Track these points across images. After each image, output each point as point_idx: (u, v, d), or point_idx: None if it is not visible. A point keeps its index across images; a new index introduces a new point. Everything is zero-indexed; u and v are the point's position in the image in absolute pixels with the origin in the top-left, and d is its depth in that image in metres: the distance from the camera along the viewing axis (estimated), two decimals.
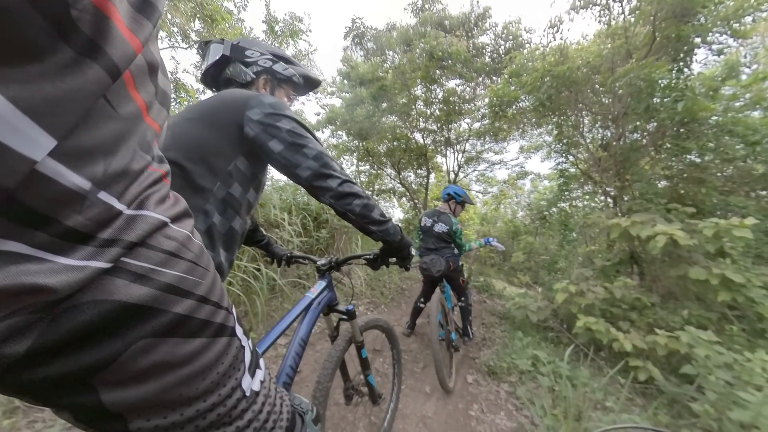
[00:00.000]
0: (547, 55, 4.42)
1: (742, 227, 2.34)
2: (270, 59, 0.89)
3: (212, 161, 0.65)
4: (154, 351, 0.20)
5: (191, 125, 0.67)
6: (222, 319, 0.25)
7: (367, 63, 8.13)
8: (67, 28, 0.14)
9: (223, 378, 0.24)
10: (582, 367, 2.44)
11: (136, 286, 0.19)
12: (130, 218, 0.19)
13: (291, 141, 0.68)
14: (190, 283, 0.22)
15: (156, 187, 0.22)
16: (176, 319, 0.21)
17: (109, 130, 0.17)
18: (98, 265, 0.18)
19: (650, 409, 2.08)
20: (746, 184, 3.29)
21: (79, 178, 0.16)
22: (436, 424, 1.93)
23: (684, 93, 2.94)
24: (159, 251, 0.21)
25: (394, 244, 0.86)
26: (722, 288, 2.46)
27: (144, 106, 0.20)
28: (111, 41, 0.16)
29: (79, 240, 0.17)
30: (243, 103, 0.69)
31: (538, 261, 5.43)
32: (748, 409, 1.47)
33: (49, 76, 0.13)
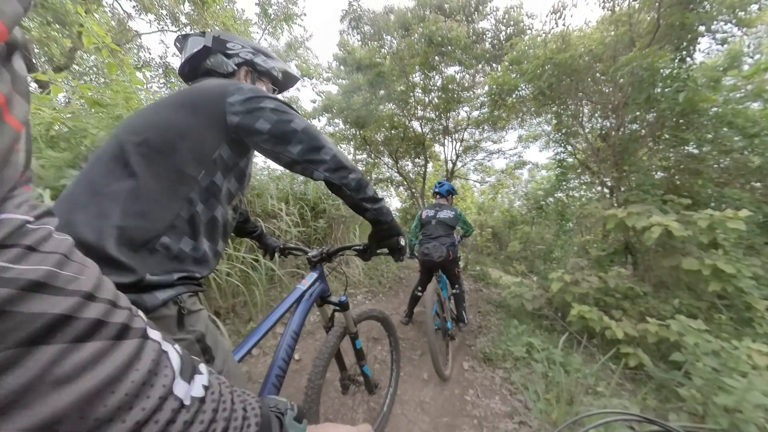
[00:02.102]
0: (548, 42, 4.33)
1: (736, 219, 2.38)
2: (251, 52, 0.89)
3: (197, 149, 0.63)
4: (27, 365, 0.16)
5: (174, 112, 0.65)
6: (124, 319, 0.21)
7: (364, 48, 7.92)
8: None
9: (143, 387, 0.20)
10: (575, 354, 2.51)
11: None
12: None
13: (277, 119, 0.66)
14: (64, 278, 0.19)
15: (16, 192, 0.20)
16: (53, 319, 0.18)
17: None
18: None
19: (639, 394, 2.16)
20: (742, 176, 3.33)
21: None
22: (434, 409, 1.99)
23: (686, 83, 2.92)
24: (16, 248, 0.18)
25: (385, 225, 0.83)
26: (713, 278, 2.52)
27: (3, 101, 0.17)
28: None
29: None
30: (223, 91, 0.67)
31: (534, 250, 5.51)
32: (732, 394, 1.54)
33: None
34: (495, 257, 8.63)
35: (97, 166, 0.58)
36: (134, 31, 6.70)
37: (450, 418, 1.92)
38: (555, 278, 3.13)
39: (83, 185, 0.56)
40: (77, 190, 0.56)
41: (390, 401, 1.59)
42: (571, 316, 2.90)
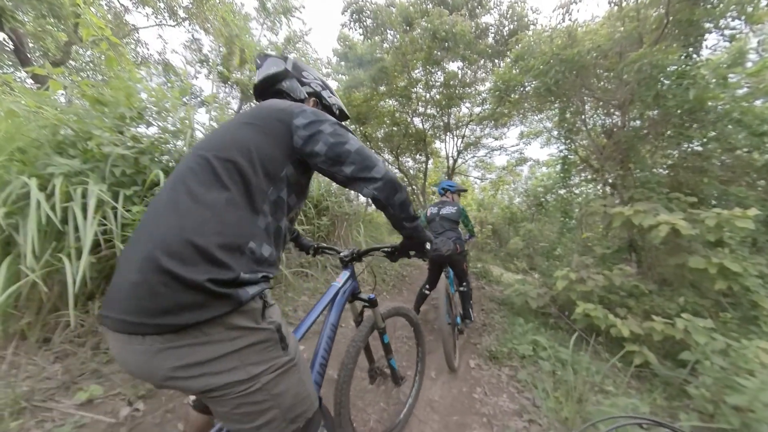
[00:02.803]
0: (554, 37, 4.28)
1: (744, 218, 2.37)
2: (320, 85, 0.99)
3: (268, 167, 0.70)
4: None
5: (250, 131, 0.72)
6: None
7: (365, 42, 7.82)
8: None
9: None
10: (582, 353, 2.51)
11: None
12: None
13: (333, 141, 0.73)
14: None
15: None
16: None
17: None
18: None
19: (648, 393, 2.17)
20: (746, 174, 3.32)
21: None
22: (443, 407, 1.99)
23: (695, 80, 2.89)
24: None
25: (420, 240, 0.93)
26: (719, 276, 2.53)
27: None
28: None
29: None
30: (290, 112, 0.75)
31: (537, 248, 5.51)
32: (744, 393, 1.54)
33: None
34: (495, 254, 8.64)
35: (193, 177, 0.64)
36: (131, 25, 6.57)
37: (460, 417, 1.92)
38: (560, 276, 3.13)
39: (183, 193, 0.62)
40: (180, 197, 0.62)
41: (416, 394, 1.68)
42: (576, 314, 2.90)
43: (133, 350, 0.54)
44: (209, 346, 0.55)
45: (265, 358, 0.61)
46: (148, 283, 0.52)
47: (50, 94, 2.14)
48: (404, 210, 0.82)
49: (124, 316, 0.53)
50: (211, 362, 0.55)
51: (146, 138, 2.20)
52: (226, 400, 0.57)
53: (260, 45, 8.47)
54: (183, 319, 0.52)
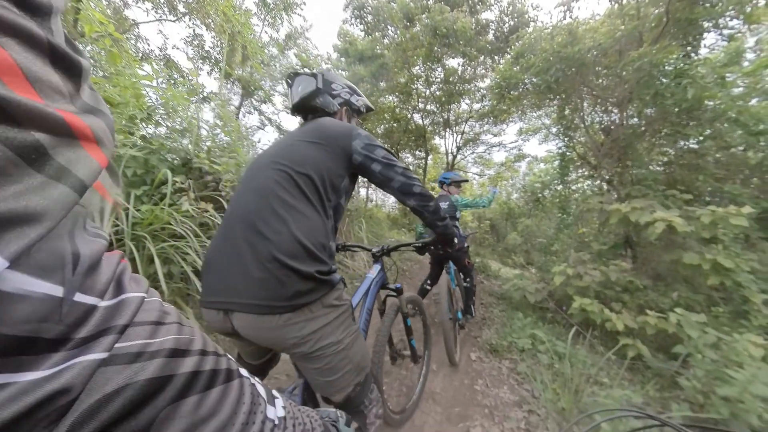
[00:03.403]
0: (555, 35, 4.26)
1: (739, 215, 2.41)
2: (348, 92, 1.09)
3: (333, 180, 0.85)
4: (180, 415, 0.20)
5: (318, 150, 0.85)
6: (226, 365, 0.25)
7: (366, 39, 7.73)
8: (41, 160, 0.14)
9: (251, 416, 0.25)
10: (578, 346, 2.57)
11: (139, 365, 0.19)
12: (115, 306, 0.20)
13: (385, 163, 0.91)
14: (185, 341, 0.23)
15: (119, 267, 0.22)
16: (188, 376, 0.22)
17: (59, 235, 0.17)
18: (95, 357, 0.17)
19: (641, 384, 2.23)
20: (741, 171, 3.35)
21: (48, 285, 0.16)
22: (445, 400, 2.04)
23: (694, 79, 2.90)
24: (147, 324, 0.21)
25: (449, 236, 1.13)
26: (713, 272, 2.58)
27: (104, 192, 0.21)
28: (80, 163, 0.16)
29: (54, 347, 0.16)
30: (348, 135, 0.90)
31: (534, 243, 5.56)
32: (734, 385, 1.59)
33: (9, 200, 0.13)
34: (493, 249, 8.70)
35: (283, 190, 0.77)
36: (131, 20, 6.45)
37: (462, 408, 1.97)
38: (557, 272, 3.18)
39: (281, 206, 0.75)
40: (278, 209, 0.75)
41: (426, 370, 1.85)
42: (573, 308, 2.96)
43: (266, 326, 0.70)
44: (314, 321, 0.73)
45: (345, 326, 0.81)
46: (276, 277, 0.68)
47: None
48: (436, 214, 1.02)
49: (256, 301, 0.68)
50: (316, 332, 0.74)
51: (156, 139, 2.21)
52: (322, 357, 0.76)
53: (261, 41, 8.37)
54: (302, 301, 0.70)
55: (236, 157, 2.68)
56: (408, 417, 1.64)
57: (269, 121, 11.68)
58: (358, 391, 0.84)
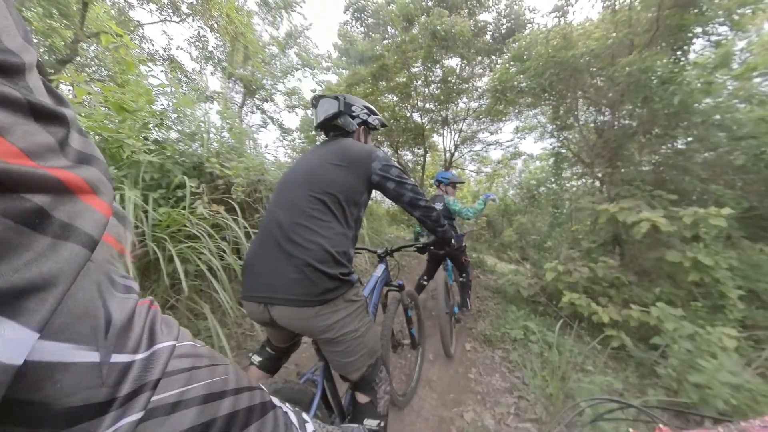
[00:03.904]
0: (550, 39, 4.31)
1: (718, 216, 2.51)
2: (366, 113, 1.22)
3: (355, 197, 1.01)
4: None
5: (342, 172, 1.00)
6: (260, 399, 0.25)
7: (366, 40, 7.73)
8: (45, 222, 0.14)
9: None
10: (566, 337, 2.70)
11: (177, 415, 0.19)
12: (148, 358, 0.19)
13: (398, 181, 1.06)
14: (219, 383, 0.23)
15: (149, 316, 0.22)
16: (226, 419, 0.21)
17: (88, 300, 0.17)
18: (133, 419, 0.17)
19: (622, 372, 2.36)
20: (725, 173, 3.44)
21: (86, 353, 0.16)
22: (441, 387, 2.17)
23: (681, 86, 2.97)
24: (179, 373, 0.21)
25: (447, 239, 1.31)
26: (693, 269, 2.69)
27: (115, 243, 0.21)
28: (83, 217, 0.16)
29: (105, 409, 0.16)
30: (368, 156, 1.05)
31: (529, 240, 5.66)
32: (704, 373, 1.71)
33: (22, 269, 0.13)
34: (489, 244, 8.82)
35: (314, 210, 0.92)
36: (136, 21, 6.44)
37: (456, 395, 2.10)
38: (549, 268, 3.29)
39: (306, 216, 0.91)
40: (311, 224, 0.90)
41: (422, 359, 2.04)
42: (563, 302, 3.08)
43: (301, 316, 0.87)
44: (337, 312, 0.90)
45: (361, 317, 0.97)
46: (309, 278, 0.85)
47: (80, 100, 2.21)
48: (437, 222, 1.19)
49: (295, 296, 0.85)
50: (339, 321, 0.90)
51: (170, 144, 2.29)
52: (343, 342, 0.92)
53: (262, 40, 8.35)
54: (329, 296, 0.87)
55: (244, 161, 2.76)
56: (409, 399, 1.79)
57: (271, 120, 11.69)
58: (371, 371, 1.00)
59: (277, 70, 10.70)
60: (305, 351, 2.16)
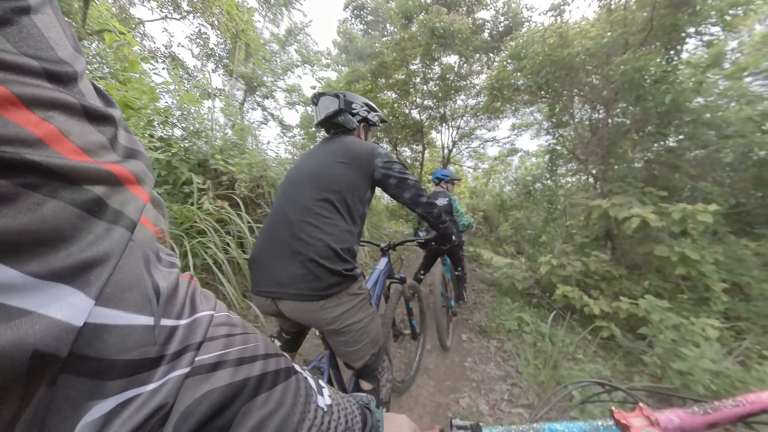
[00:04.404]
0: (547, 37, 4.29)
1: (706, 213, 2.56)
2: (365, 110, 1.21)
3: (361, 194, 1.02)
4: (252, 411, 0.23)
5: (347, 170, 1.01)
6: (285, 364, 0.27)
7: (366, 37, 7.65)
8: (101, 210, 0.16)
9: (306, 405, 0.27)
10: (559, 327, 2.76)
11: (217, 374, 0.21)
12: (189, 325, 0.22)
13: (400, 177, 1.06)
14: (251, 349, 0.25)
15: (190, 289, 0.24)
16: (257, 379, 0.24)
17: (141, 261, 0.20)
18: (181, 372, 0.20)
19: (610, 360, 2.43)
20: (714, 170, 3.49)
21: (143, 317, 0.18)
22: (438, 375, 2.22)
23: (673, 85, 2.99)
24: (219, 338, 0.23)
25: (447, 235, 1.30)
26: (680, 263, 2.74)
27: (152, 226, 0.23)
28: (129, 204, 0.18)
29: (157, 363, 0.19)
30: (371, 154, 1.05)
31: (524, 235, 5.71)
32: (687, 361, 1.77)
33: (86, 249, 0.15)
34: (486, 239, 8.88)
35: (320, 209, 0.93)
36: (137, 19, 6.34)
37: (452, 382, 2.15)
38: (544, 262, 3.34)
39: (311, 213, 0.92)
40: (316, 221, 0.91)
41: (422, 349, 2.07)
42: (556, 294, 3.14)
43: (307, 310, 0.90)
44: (342, 305, 0.92)
45: (364, 310, 0.99)
46: (313, 273, 0.87)
47: None
48: (438, 218, 1.19)
49: (300, 291, 0.87)
50: (343, 313, 0.92)
51: (175, 142, 2.30)
52: (347, 333, 0.95)
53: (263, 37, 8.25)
54: (332, 291, 0.89)
55: (247, 158, 2.78)
56: (408, 385, 1.84)
57: (272, 117, 11.62)
58: (374, 360, 1.03)
59: (278, 67, 10.59)
60: (308, 341, 2.21)
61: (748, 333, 2.49)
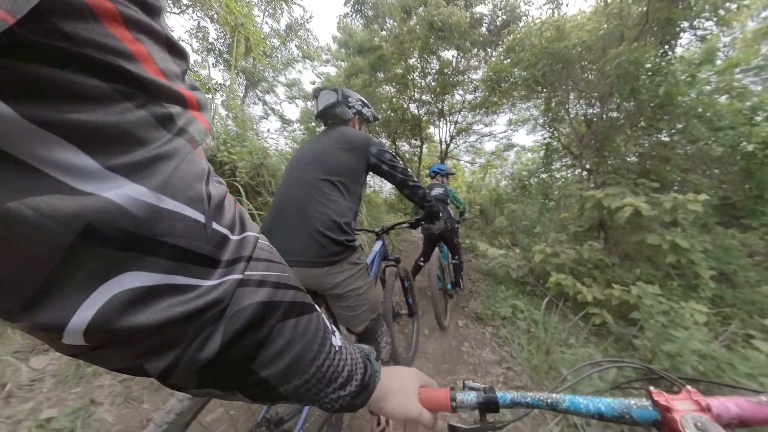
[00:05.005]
0: (544, 31, 4.24)
1: (695, 202, 2.56)
2: (361, 104, 1.30)
3: (358, 176, 1.11)
4: (284, 331, 0.24)
5: (347, 155, 1.09)
6: (309, 300, 0.29)
7: (365, 31, 7.53)
8: (171, 124, 0.18)
9: (324, 340, 0.29)
10: (552, 314, 2.78)
11: (261, 289, 0.23)
12: (240, 241, 0.23)
13: (391, 164, 1.17)
14: (286, 278, 0.26)
15: (240, 211, 0.25)
16: (289, 305, 0.25)
17: (197, 172, 0.21)
18: (236, 278, 0.21)
19: (602, 345, 2.45)
20: (704, 163, 3.49)
21: (194, 212, 0.19)
22: (435, 358, 2.24)
23: (666, 77, 2.97)
24: (262, 260, 0.24)
25: (434, 214, 1.44)
26: (671, 251, 2.76)
27: (204, 160, 0.24)
28: (192, 124, 0.20)
29: (215, 264, 0.20)
30: (366, 143, 1.14)
31: (519, 226, 5.73)
32: (676, 343, 1.79)
33: (153, 149, 0.17)
34: (482, 231, 8.90)
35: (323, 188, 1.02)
36: None
37: (450, 365, 2.18)
38: (538, 251, 3.35)
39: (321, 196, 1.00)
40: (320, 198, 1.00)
41: (418, 326, 2.14)
42: (550, 282, 3.16)
43: (313, 275, 0.98)
44: (343, 272, 1.01)
45: (363, 278, 1.07)
46: (319, 242, 0.95)
47: None
48: (424, 199, 1.30)
49: (307, 258, 0.96)
50: (345, 280, 1.01)
51: None
52: (348, 298, 1.03)
53: (263, 32, 8.10)
54: (335, 258, 0.98)
55: (247, 146, 2.75)
56: (410, 361, 1.91)
57: (272, 111, 11.49)
58: (373, 325, 1.12)
59: (278, 63, 10.43)
60: None
61: (734, 318, 2.52)
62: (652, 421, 0.29)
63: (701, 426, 0.26)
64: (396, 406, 0.37)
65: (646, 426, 0.30)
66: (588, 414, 0.31)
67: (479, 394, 0.36)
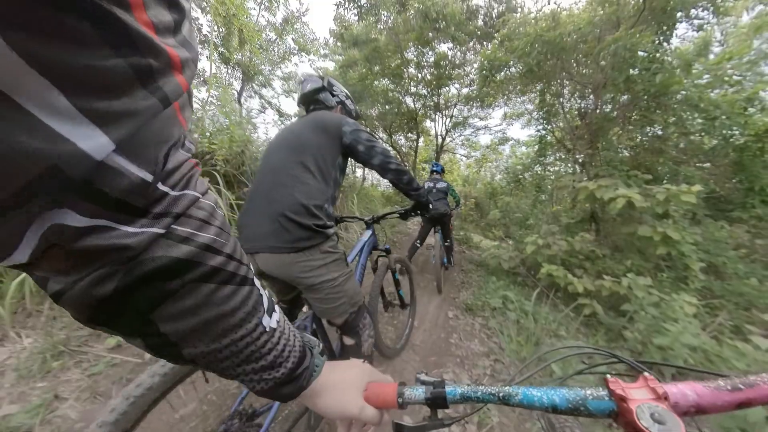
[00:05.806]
0: (539, 20, 4.06)
1: (689, 193, 2.46)
2: (345, 96, 1.24)
3: (332, 158, 1.01)
4: (196, 293, 0.24)
5: (317, 135, 1.00)
6: (244, 273, 0.28)
7: (360, 23, 7.27)
8: (149, 80, 0.17)
9: (249, 316, 0.28)
10: (542, 305, 2.70)
11: (182, 246, 0.22)
12: (176, 197, 0.22)
13: (368, 144, 1.05)
14: (219, 243, 0.25)
15: (192, 172, 0.25)
16: (213, 270, 0.24)
17: (162, 135, 0.21)
18: (156, 231, 0.21)
19: (592, 336, 2.38)
20: (696, 156, 3.39)
21: (144, 172, 0.19)
22: (423, 350, 2.16)
23: (662, 65, 2.83)
24: (195, 219, 0.24)
25: (423, 202, 1.31)
26: (662, 243, 2.67)
27: (180, 115, 0.23)
28: (169, 84, 0.19)
29: (142, 214, 0.20)
30: (339, 123, 1.04)
31: (512, 218, 5.64)
32: (667, 336, 1.71)
33: (125, 103, 0.17)
34: (476, 224, 8.82)
35: (294, 168, 0.94)
36: None
37: (437, 358, 2.09)
38: (530, 242, 3.26)
39: (290, 177, 0.92)
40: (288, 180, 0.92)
41: (413, 318, 2.08)
42: (541, 273, 3.07)
43: (280, 263, 0.89)
44: (313, 261, 0.91)
45: (339, 268, 0.98)
46: (284, 227, 0.87)
47: None
48: (409, 185, 1.16)
49: (272, 243, 0.87)
50: (315, 269, 0.92)
51: None
52: (322, 290, 0.94)
53: (259, 25, 7.81)
54: (302, 245, 0.88)
55: (230, 134, 2.63)
56: (398, 353, 1.86)
57: (269, 105, 11.22)
58: (354, 318, 1.05)
59: (275, 56, 10.13)
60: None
61: (721, 309, 2.46)
62: (608, 412, 0.26)
63: (657, 417, 0.23)
64: (331, 403, 0.34)
65: (603, 418, 0.27)
66: (542, 407, 0.28)
67: (428, 389, 0.33)
